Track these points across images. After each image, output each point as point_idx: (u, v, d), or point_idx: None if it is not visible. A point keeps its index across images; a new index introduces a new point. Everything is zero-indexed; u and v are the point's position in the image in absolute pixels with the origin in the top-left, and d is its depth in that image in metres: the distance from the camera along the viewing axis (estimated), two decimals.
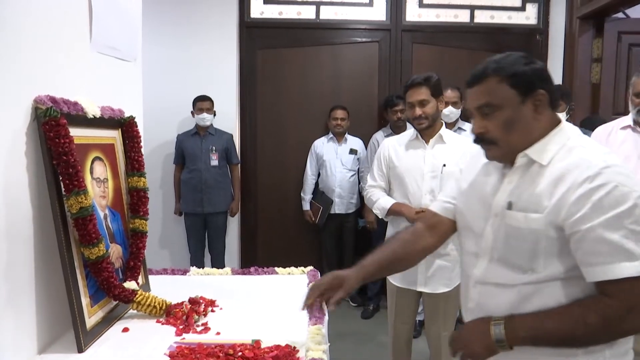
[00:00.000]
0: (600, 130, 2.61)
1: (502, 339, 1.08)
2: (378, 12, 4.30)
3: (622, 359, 1.12)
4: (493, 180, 1.21)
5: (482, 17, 4.32)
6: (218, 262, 3.96)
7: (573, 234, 1.04)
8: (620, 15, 3.85)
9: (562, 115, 2.93)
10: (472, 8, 4.30)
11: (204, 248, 4.10)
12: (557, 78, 4.13)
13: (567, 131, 1.14)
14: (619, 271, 0.99)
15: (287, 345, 1.24)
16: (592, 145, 1.12)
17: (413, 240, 1.39)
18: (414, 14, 4.30)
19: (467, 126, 3.63)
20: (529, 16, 4.34)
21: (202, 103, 3.91)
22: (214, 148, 3.93)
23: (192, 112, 3.98)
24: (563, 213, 1.04)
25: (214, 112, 3.96)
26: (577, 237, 1.03)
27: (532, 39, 4.33)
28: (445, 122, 2.68)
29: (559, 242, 1.07)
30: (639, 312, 1.01)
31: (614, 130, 2.54)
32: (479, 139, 1.18)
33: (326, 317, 1.50)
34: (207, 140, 3.96)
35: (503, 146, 1.15)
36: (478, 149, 1.22)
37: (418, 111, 2.20)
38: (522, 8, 4.32)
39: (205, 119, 3.90)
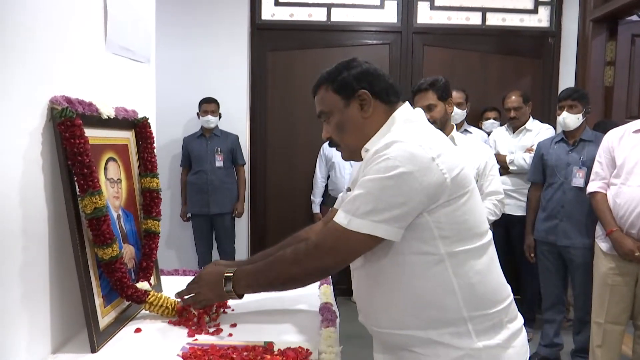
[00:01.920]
0: (612, 133, 2.59)
1: (230, 290, 1.28)
2: (389, 15, 4.29)
3: (490, 334, 1.13)
4: None
5: (493, 20, 4.31)
6: None
7: None
8: (634, 17, 3.82)
9: (577, 117, 2.90)
10: (484, 10, 4.29)
11: (211, 249, 4.11)
12: (569, 81, 4.12)
13: (396, 120, 1.21)
14: (337, 215, 1.12)
15: (300, 348, 1.24)
16: (408, 128, 1.18)
17: (305, 236, 1.47)
18: (425, 16, 4.30)
19: (473, 129, 3.61)
20: (541, 19, 4.31)
21: (208, 105, 3.91)
22: (219, 149, 3.94)
23: (197, 114, 3.99)
24: None
25: (220, 114, 3.96)
26: None
27: (545, 42, 4.31)
28: None
29: None
30: (324, 252, 1.12)
31: (626, 133, 2.52)
32: (330, 143, 1.29)
33: (337, 320, 1.50)
34: (212, 142, 3.97)
35: (344, 147, 1.27)
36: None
37: (426, 116, 2.20)
38: (535, 11, 4.30)
39: (210, 121, 3.91)
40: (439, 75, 2.29)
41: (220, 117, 3.98)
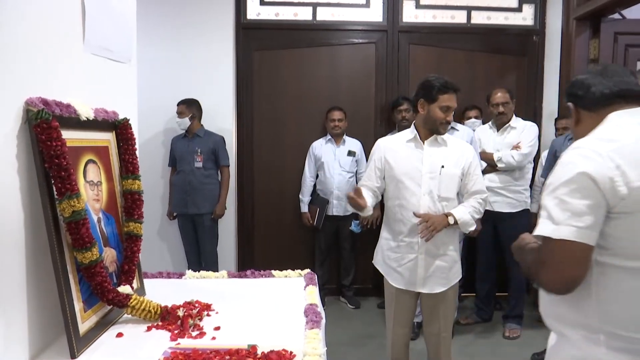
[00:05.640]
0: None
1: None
2: (375, 13, 4.29)
3: (625, 355, 1.13)
4: None
5: (478, 18, 4.31)
6: (209, 264, 3.93)
7: None
8: (616, 16, 3.85)
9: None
10: (469, 9, 4.30)
11: (198, 250, 4.09)
12: (554, 78, 4.15)
13: (604, 124, 1.25)
14: (540, 228, 1.17)
15: (284, 350, 1.23)
16: (598, 132, 1.22)
17: None
18: (410, 15, 4.29)
19: (460, 126, 3.62)
20: (525, 17, 4.33)
21: (177, 107, 3.94)
22: (199, 150, 3.93)
23: None
24: None
25: (192, 115, 3.91)
26: None
27: (529, 40, 4.33)
28: None
29: None
30: (547, 268, 1.16)
31: None
32: None
33: (323, 321, 1.49)
34: (193, 142, 3.96)
35: None
36: None
37: (450, 117, 2.24)
38: (519, 9, 4.32)
39: (178, 122, 3.93)
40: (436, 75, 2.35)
41: (193, 118, 3.93)
